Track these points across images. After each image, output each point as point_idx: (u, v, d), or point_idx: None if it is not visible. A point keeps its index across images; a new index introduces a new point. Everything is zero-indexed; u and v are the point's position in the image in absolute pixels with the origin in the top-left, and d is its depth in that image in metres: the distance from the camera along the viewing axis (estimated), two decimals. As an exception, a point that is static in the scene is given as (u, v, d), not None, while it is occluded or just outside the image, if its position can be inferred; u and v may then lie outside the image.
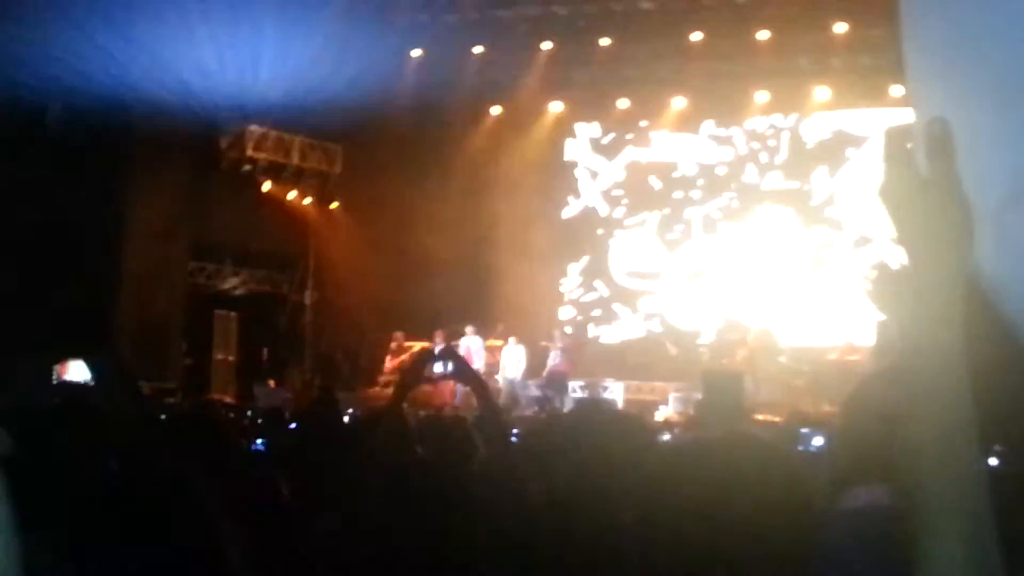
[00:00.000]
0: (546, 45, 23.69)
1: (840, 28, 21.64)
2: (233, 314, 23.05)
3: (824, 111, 23.56)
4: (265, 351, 23.18)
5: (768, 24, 22.08)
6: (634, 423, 3.77)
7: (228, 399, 18.03)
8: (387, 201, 22.83)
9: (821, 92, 23.11)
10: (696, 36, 22.53)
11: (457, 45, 23.66)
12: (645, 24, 22.90)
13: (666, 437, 8.56)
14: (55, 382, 10.72)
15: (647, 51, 23.70)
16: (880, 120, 23.11)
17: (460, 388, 18.76)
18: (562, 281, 25.51)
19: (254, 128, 22.59)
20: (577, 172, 25.95)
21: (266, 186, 23.19)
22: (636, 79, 24.30)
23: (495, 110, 25.17)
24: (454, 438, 6.76)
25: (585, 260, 25.43)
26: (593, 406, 3.65)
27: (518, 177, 24.28)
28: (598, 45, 23.40)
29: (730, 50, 22.98)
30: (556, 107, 25.32)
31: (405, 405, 5.23)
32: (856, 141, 23.36)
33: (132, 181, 20.32)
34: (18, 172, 17.05)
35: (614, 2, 22.80)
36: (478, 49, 23.84)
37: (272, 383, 21.52)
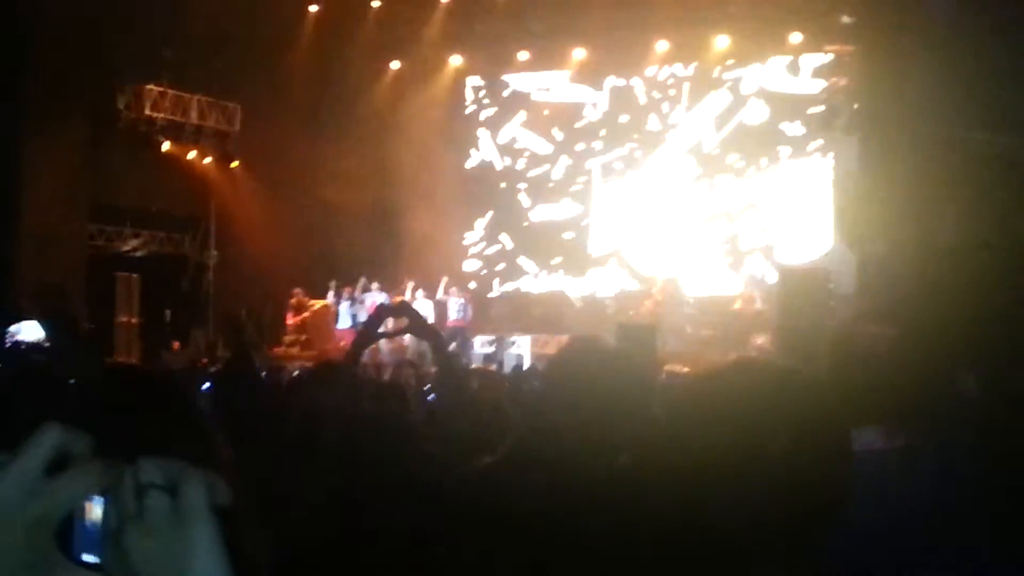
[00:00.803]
0: (445, -2, 23.59)
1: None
2: (135, 276, 22.64)
3: (724, 60, 23.73)
4: (168, 313, 22.83)
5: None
6: (631, 361, 3.63)
7: (133, 361, 17.73)
8: (288, 158, 22.56)
9: (721, 41, 23.18)
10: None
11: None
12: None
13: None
14: (9, 343, 10.53)
15: (547, 3, 23.56)
16: (780, 69, 23.35)
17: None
18: (466, 235, 25.48)
19: (152, 87, 22.19)
20: (478, 125, 25.91)
21: (165, 146, 22.77)
22: (536, 31, 24.16)
23: (395, 64, 24.94)
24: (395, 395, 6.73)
25: (490, 213, 25.40)
26: (588, 344, 3.45)
27: (420, 131, 24.15)
28: (497, -2, 23.29)
29: (630, 0, 22.97)
30: (456, 60, 25.14)
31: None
32: (758, 91, 23.60)
33: (27, 142, 19.83)
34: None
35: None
36: (376, 3, 23.63)
37: (176, 345, 21.22)
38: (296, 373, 11.37)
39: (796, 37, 22.31)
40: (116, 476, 1.18)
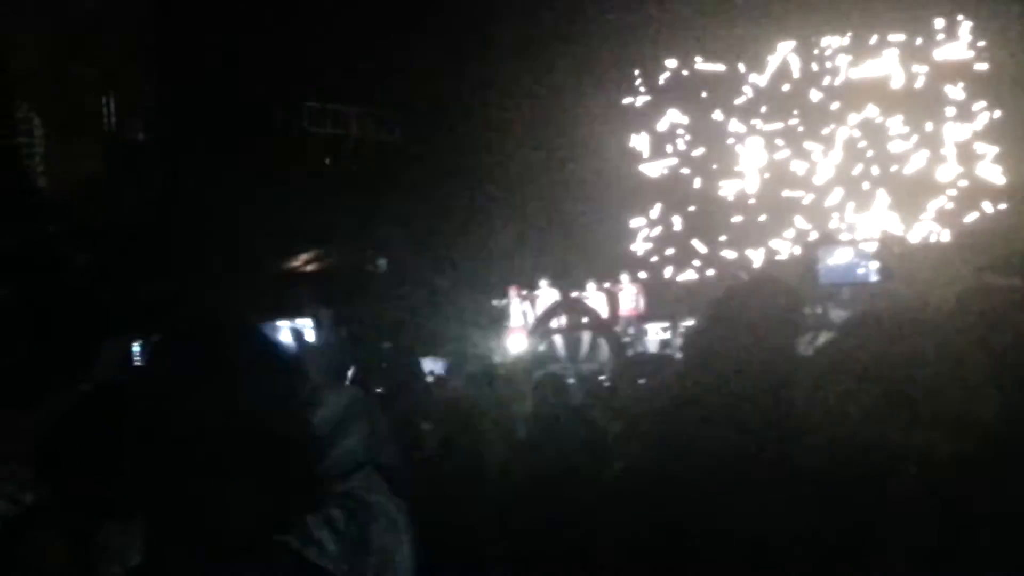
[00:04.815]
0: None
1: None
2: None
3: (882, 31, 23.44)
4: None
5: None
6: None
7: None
8: (452, 163, 22.53)
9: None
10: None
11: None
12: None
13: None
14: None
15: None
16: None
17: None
18: (633, 219, 25.43)
19: (312, 104, 22.31)
20: (635, 112, 25.75)
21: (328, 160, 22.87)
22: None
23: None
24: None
25: (657, 199, 25.26)
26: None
27: (583, 117, 24.16)
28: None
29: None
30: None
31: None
32: (915, 53, 23.24)
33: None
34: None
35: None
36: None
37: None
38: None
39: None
40: None
